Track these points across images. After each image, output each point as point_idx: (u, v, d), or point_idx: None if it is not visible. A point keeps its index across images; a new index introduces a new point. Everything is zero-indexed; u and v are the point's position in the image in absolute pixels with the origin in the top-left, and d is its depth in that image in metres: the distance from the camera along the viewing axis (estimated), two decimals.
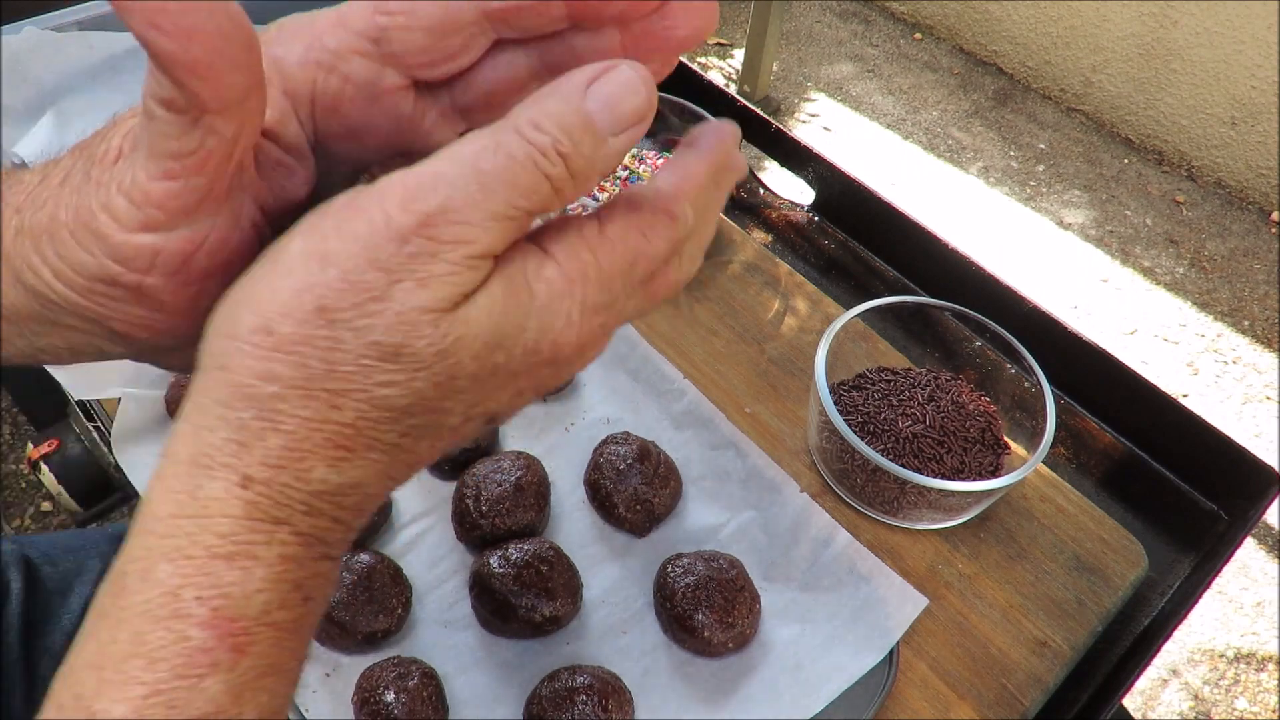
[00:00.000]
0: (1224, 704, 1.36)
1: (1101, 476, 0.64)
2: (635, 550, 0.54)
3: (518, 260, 0.23)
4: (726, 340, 0.66)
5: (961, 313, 0.61)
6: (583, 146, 0.22)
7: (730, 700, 0.49)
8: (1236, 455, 0.59)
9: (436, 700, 0.45)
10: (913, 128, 2.32)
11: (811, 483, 0.59)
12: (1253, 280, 2.00)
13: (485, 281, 0.22)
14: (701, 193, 0.25)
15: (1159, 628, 0.54)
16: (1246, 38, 2.03)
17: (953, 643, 0.52)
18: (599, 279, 0.24)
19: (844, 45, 2.55)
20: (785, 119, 2.29)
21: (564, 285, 0.23)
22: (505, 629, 0.49)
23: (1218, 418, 1.30)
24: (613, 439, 0.56)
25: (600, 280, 0.24)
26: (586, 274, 0.23)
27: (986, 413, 0.59)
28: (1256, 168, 2.14)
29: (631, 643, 0.50)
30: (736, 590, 0.49)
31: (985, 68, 2.51)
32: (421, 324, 0.21)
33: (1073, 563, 0.56)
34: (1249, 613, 1.47)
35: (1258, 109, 2.08)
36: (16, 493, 1.39)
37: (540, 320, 0.23)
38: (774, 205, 0.80)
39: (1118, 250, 2.05)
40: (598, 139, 0.22)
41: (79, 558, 0.61)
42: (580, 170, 0.22)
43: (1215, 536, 0.60)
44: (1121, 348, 1.83)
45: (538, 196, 0.22)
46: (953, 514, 0.56)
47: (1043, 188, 2.18)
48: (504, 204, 0.22)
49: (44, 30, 0.68)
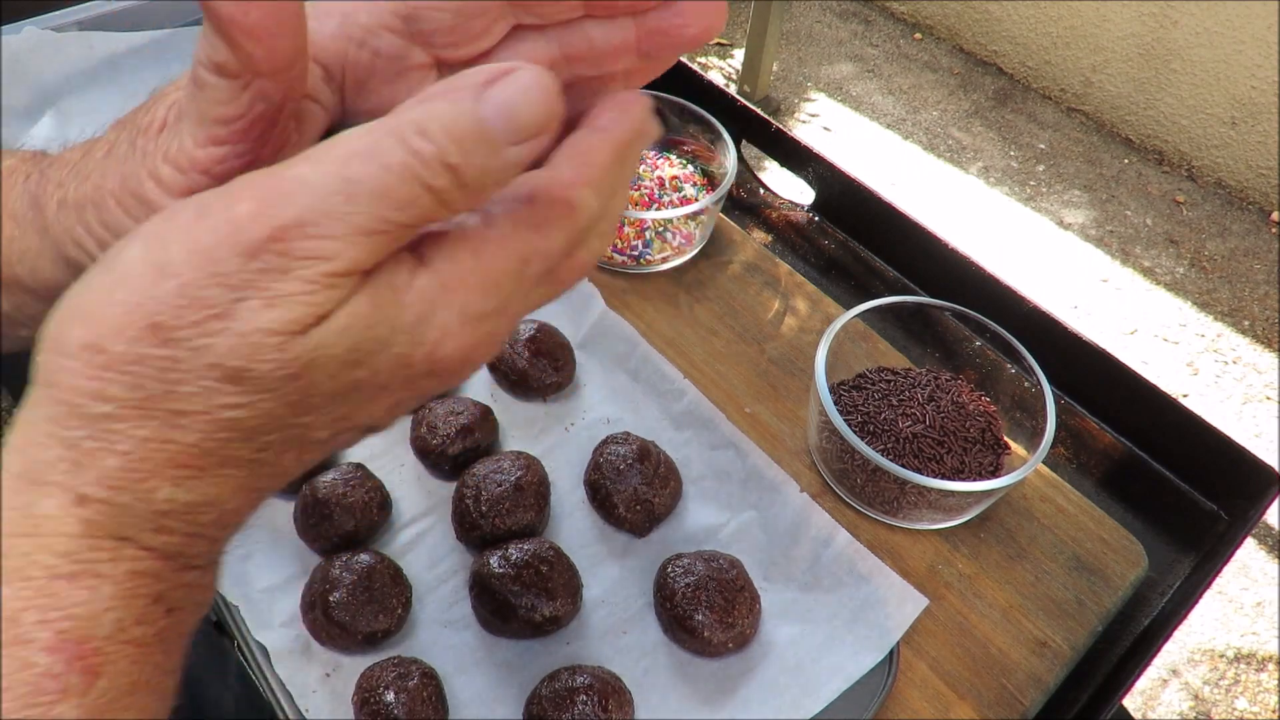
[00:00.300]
0: (1224, 704, 1.37)
1: (1101, 476, 0.64)
2: (635, 550, 0.54)
3: (387, 272, 0.21)
4: (726, 340, 0.66)
5: (961, 313, 0.61)
6: (474, 157, 0.20)
7: (730, 700, 0.49)
8: (1236, 455, 0.59)
9: (436, 700, 0.45)
10: (913, 128, 2.32)
11: (811, 483, 0.59)
12: (1253, 280, 2.00)
13: (347, 298, 0.21)
14: (606, 175, 0.23)
15: (1159, 628, 0.54)
16: (1246, 38, 2.03)
17: (953, 643, 0.52)
18: (482, 284, 0.22)
19: (844, 45, 2.55)
20: (785, 119, 2.29)
21: (439, 294, 0.22)
22: (505, 629, 0.49)
23: (1218, 418, 1.30)
24: (613, 439, 0.56)
25: (484, 285, 0.22)
26: (466, 280, 0.22)
27: (986, 413, 0.59)
28: (1256, 168, 2.14)
29: (631, 643, 0.51)
30: (736, 590, 0.49)
31: (985, 68, 2.51)
32: (265, 347, 0.20)
33: (1073, 563, 0.56)
34: (1249, 613, 1.47)
35: (1258, 109, 2.08)
36: None
37: (410, 334, 0.22)
38: (774, 205, 0.80)
39: (1118, 250, 2.05)
40: (492, 149, 0.20)
41: None
42: (472, 182, 0.20)
43: (1215, 536, 0.60)
44: (1121, 348, 1.83)
45: (415, 209, 0.20)
46: (953, 514, 0.56)
47: (1043, 188, 2.18)
48: (373, 218, 0.20)
49: (44, 30, 0.68)
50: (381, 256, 0.21)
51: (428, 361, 0.22)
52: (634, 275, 0.69)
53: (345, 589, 0.47)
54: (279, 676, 0.47)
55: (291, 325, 0.20)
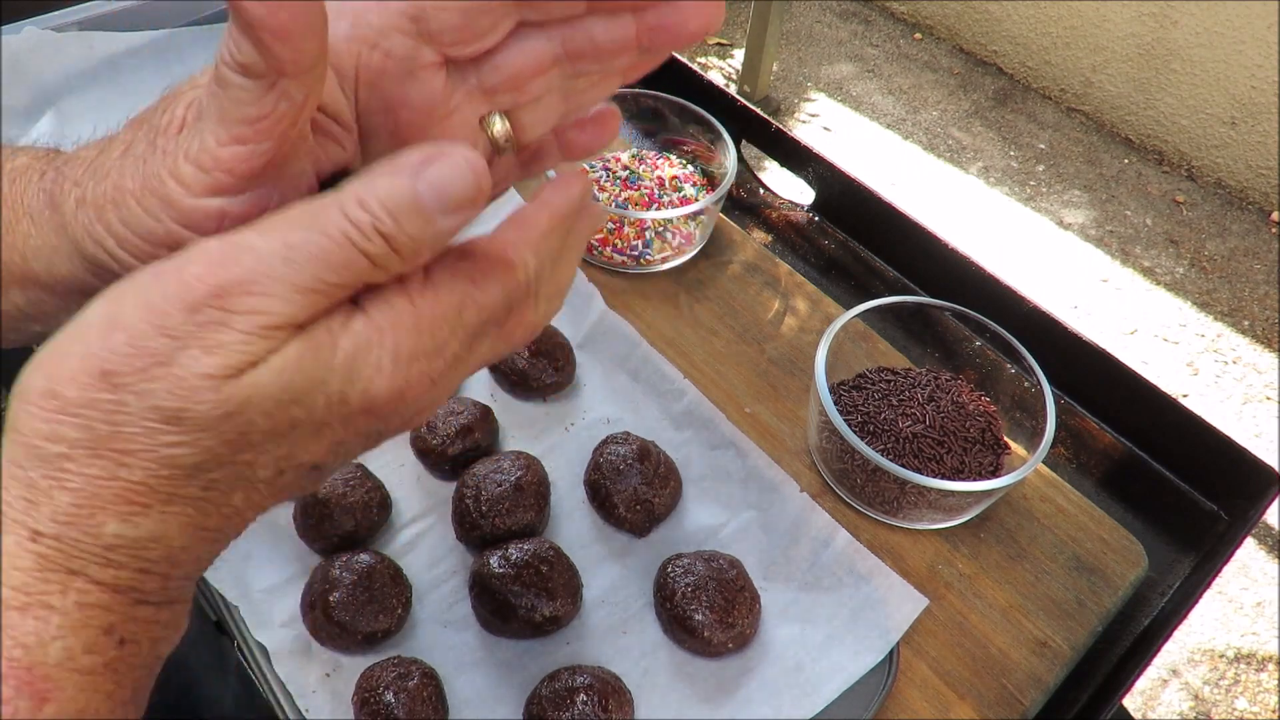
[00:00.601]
0: (1224, 704, 1.37)
1: (1101, 476, 0.64)
2: (635, 550, 0.54)
3: (324, 320, 0.23)
4: (726, 340, 0.66)
5: (961, 313, 0.61)
6: (409, 227, 0.22)
7: (730, 700, 0.49)
8: (1236, 455, 0.59)
9: (436, 700, 0.45)
10: (913, 128, 2.32)
11: (811, 483, 0.59)
12: (1253, 280, 2.00)
13: (280, 347, 0.22)
14: (543, 240, 0.26)
15: (1159, 628, 0.54)
16: (1246, 38, 2.03)
17: (953, 643, 0.52)
18: (415, 326, 0.24)
19: (844, 45, 2.55)
20: (785, 119, 2.29)
21: (371, 335, 0.23)
22: (505, 629, 0.49)
23: (1218, 418, 1.30)
24: (613, 439, 0.56)
25: (416, 327, 0.24)
26: (399, 321, 0.23)
27: (986, 413, 0.59)
28: (1256, 168, 2.14)
29: (631, 643, 0.50)
30: (736, 590, 0.49)
31: (985, 68, 2.51)
32: (201, 389, 0.21)
33: (1073, 563, 0.56)
34: (1249, 613, 1.47)
35: (1258, 109, 2.08)
36: None
37: (343, 373, 0.23)
38: (774, 205, 0.80)
39: (1118, 250, 2.05)
40: (425, 219, 0.22)
41: None
42: (405, 247, 0.23)
43: (1215, 536, 0.60)
44: (1121, 348, 1.83)
45: (350, 272, 0.22)
46: (953, 514, 0.56)
47: (1043, 188, 2.18)
48: (310, 278, 0.22)
49: (44, 30, 0.68)
50: (317, 311, 0.23)
51: (362, 399, 0.23)
52: (634, 275, 0.69)
53: (345, 589, 0.47)
54: (279, 676, 0.47)
55: (225, 370, 0.22)
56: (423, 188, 0.22)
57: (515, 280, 0.25)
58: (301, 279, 0.22)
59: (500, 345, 0.27)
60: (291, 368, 0.22)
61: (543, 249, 0.26)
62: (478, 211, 0.23)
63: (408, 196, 0.22)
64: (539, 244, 0.26)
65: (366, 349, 0.23)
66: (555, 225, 0.26)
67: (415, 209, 0.22)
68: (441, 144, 0.23)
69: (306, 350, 0.22)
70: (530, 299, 0.26)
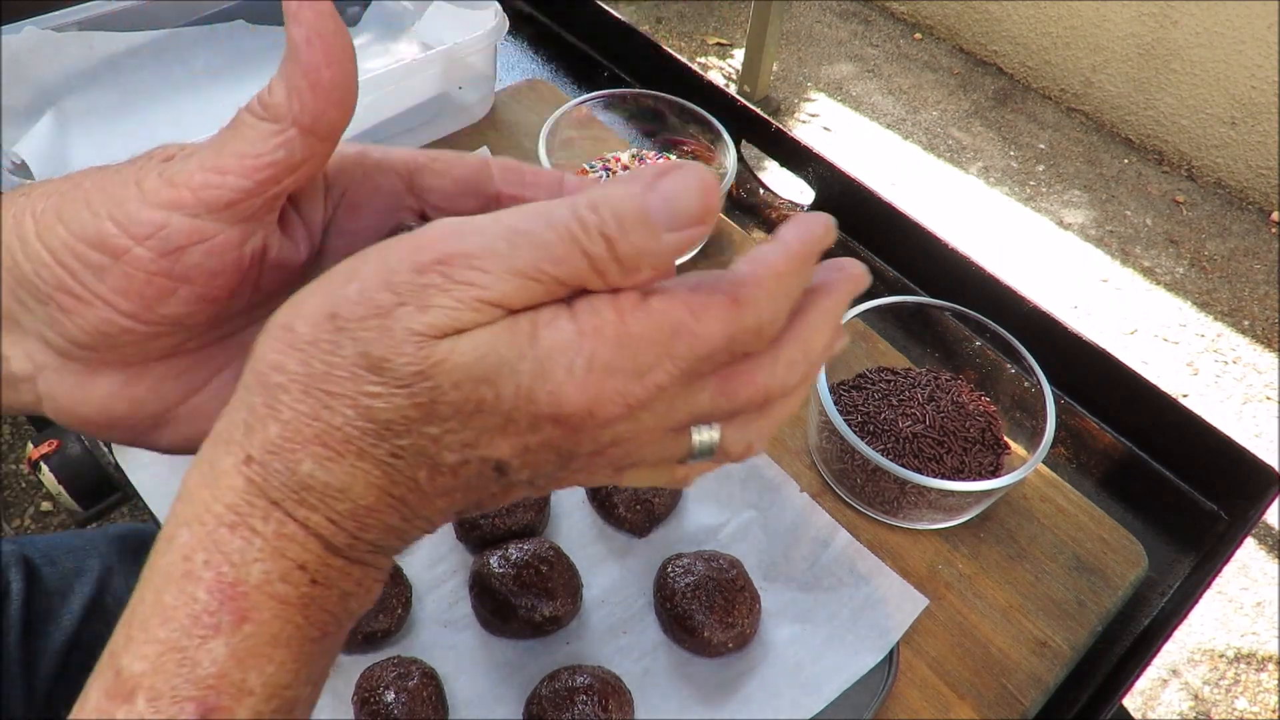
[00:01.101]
0: (1224, 704, 1.37)
1: (1101, 476, 0.64)
2: (635, 550, 0.54)
3: (533, 311, 0.23)
4: None
5: (961, 313, 0.61)
6: (633, 235, 0.23)
7: (730, 700, 0.49)
8: (1236, 455, 0.59)
9: (436, 700, 0.45)
10: (913, 128, 2.32)
11: (811, 483, 0.59)
12: (1253, 280, 2.00)
13: (487, 323, 0.23)
14: (777, 282, 0.24)
15: (1159, 628, 0.54)
16: (1246, 38, 2.03)
17: (953, 643, 0.52)
18: (617, 339, 0.23)
19: (844, 45, 2.55)
20: (785, 119, 2.29)
21: (572, 337, 0.23)
22: (505, 629, 0.49)
23: (1218, 418, 1.30)
24: None
25: (619, 340, 0.23)
26: (602, 331, 0.23)
27: (986, 413, 0.59)
28: (1256, 168, 2.15)
29: (631, 643, 0.51)
30: (736, 590, 0.49)
31: (985, 68, 2.52)
32: (406, 343, 0.22)
33: (1073, 563, 0.56)
34: (1249, 613, 1.47)
35: (1258, 109, 2.08)
36: (16, 493, 1.39)
37: (536, 365, 0.23)
38: (774, 205, 0.80)
39: (1118, 250, 2.05)
40: (650, 231, 0.23)
41: (79, 558, 0.61)
42: (627, 257, 0.23)
43: (1215, 536, 0.60)
44: (1121, 348, 1.83)
45: (568, 267, 0.23)
46: (953, 514, 0.56)
47: (1043, 188, 2.18)
48: (528, 264, 0.22)
49: (44, 30, 0.68)
50: (530, 300, 0.23)
51: (551, 401, 0.23)
52: None
53: None
54: None
55: (432, 329, 0.22)
56: (653, 199, 0.23)
57: (740, 321, 0.24)
58: (520, 263, 0.22)
59: (722, 402, 0.25)
60: (489, 344, 0.23)
61: (778, 292, 0.24)
62: (705, 232, 0.23)
63: (637, 205, 0.23)
64: (773, 286, 0.24)
65: (563, 349, 0.23)
66: (792, 266, 0.24)
67: (642, 218, 0.23)
68: (682, 162, 0.23)
69: (507, 332, 0.23)
70: (764, 355, 0.25)
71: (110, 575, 0.61)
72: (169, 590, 0.23)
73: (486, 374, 0.23)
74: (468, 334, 0.23)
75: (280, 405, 0.23)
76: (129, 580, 0.62)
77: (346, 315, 0.23)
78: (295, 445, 0.23)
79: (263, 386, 0.23)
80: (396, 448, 0.23)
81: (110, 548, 0.63)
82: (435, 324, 0.22)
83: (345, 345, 0.23)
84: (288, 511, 0.23)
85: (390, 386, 0.23)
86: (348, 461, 0.23)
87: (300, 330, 0.23)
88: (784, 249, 0.24)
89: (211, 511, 0.23)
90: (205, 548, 0.23)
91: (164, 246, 0.26)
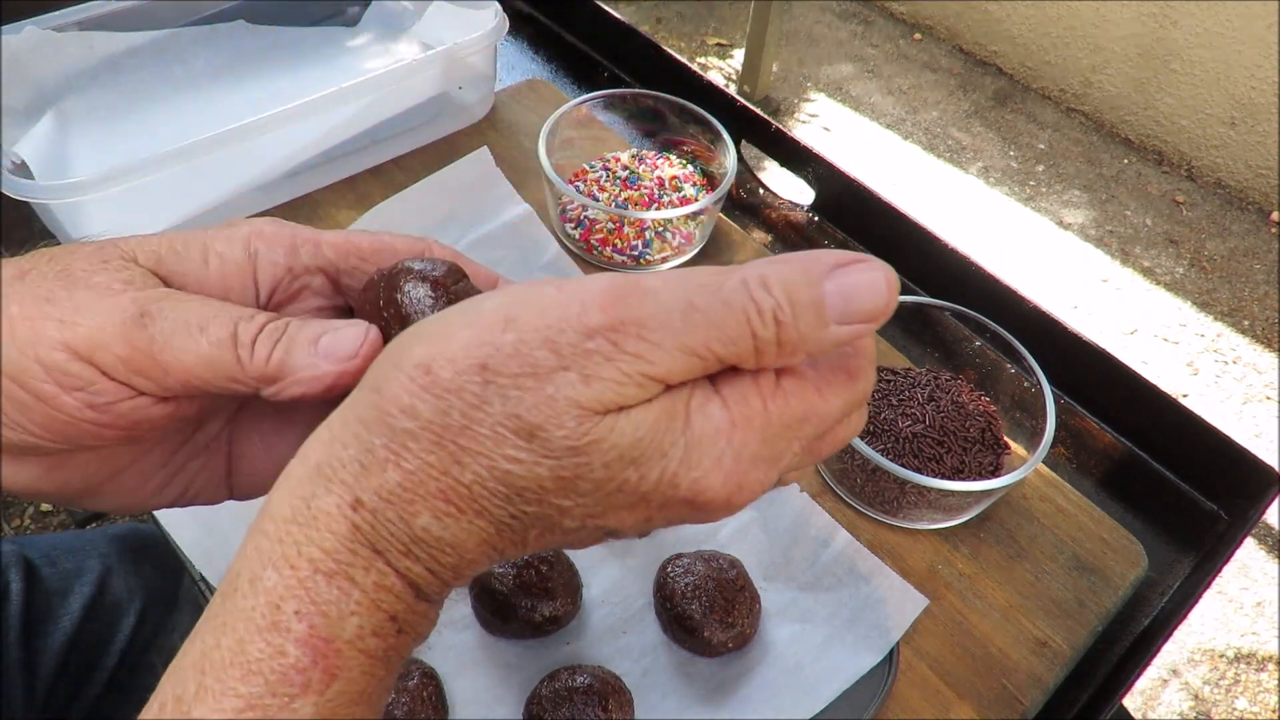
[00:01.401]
0: (1224, 704, 1.37)
1: (1101, 476, 0.64)
2: (635, 550, 0.54)
3: (687, 389, 0.23)
4: None
5: (961, 313, 0.61)
6: (802, 323, 0.22)
7: (730, 700, 0.49)
8: (1236, 455, 0.59)
9: (436, 700, 0.45)
10: (913, 128, 2.32)
11: (811, 483, 0.59)
12: (1253, 280, 2.00)
13: (649, 400, 0.22)
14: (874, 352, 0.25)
15: (1159, 628, 0.54)
16: (1246, 38, 2.03)
17: (953, 643, 0.52)
18: (764, 429, 0.23)
19: (844, 45, 2.55)
20: (785, 119, 2.29)
21: (724, 426, 0.22)
22: (505, 629, 0.49)
23: (1218, 418, 1.29)
24: None
25: (765, 430, 0.23)
26: (752, 421, 0.23)
27: (986, 413, 0.59)
28: (1256, 168, 2.14)
29: (631, 643, 0.50)
30: (736, 590, 0.49)
31: (985, 68, 2.51)
32: (566, 415, 0.21)
33: (1073, 563, 0.56)
34: (1249, 613, 1.47)
35: (1258, 109, 2.08)
36: None
37: (688, 453, 0.22)
38: (774, 205, 0.80)
39: (1118, 250, 2.05)
40: (821, 321, 0.22)
41: (79, 558, 0.61)
42: (790, 341, 0.22)
43: (1215, 536, 0.60)
44: (1121, 348, 1.83)
45: (735, 348, 0.22)
46: (953, 514, 0.56)
47: (1043, 188, 2.18)
48: (699, 342, 0.22)
49: (44, 30, 0.68)
50: (692, 376, 0.22)
51: (693, 488, 0.22)
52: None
53: None
54: None
55: (596, 404, 0.21)
56: (831, 288, 0.22)
57: (856, 393, 0.24)
58: (692, 340, 0.22)
59: (805, 459, 0.25)
60: (648, 426, 0.22)
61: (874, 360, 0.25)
62: (873, 329, 0.23)
63: (812, 292, 0.22)
64: (873, 356, 0.25)
65: (714, 438, 0.22)
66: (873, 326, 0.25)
67: (815, 307, 0.22)
68: (864, 255, 0.23)
69: (666, 415, 0.22)
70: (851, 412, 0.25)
71: (110, 575, 0.61)
72: (255, 641, 0.21)
73: (637, 457, 0.22)
74: (628, 412, 0.22)
75: (406, 453, 0.21)
76: (128, 580, 0.62)
77: (499, 369, 0.21)
78: (415, 497, 0.22)
79: (387, 428, 0.22)
80: (521, 512, 0.22)
81: (110, 548, 0.63)
82: (600, 398, 0.21)
83: (494, 402, 0.21)
84: (390, 562, 0.22)
85: (537, 455, 0.21)
86: (466, 519, 0.22)
87: (442, 375, 0.21)
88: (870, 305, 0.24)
89: (306, 555, 0.21)
90: (297, 596, 0.21)
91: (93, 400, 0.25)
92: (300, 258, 0.29)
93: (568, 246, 0.70)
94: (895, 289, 0.23)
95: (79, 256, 0.26)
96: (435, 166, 0.70)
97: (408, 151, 0.75)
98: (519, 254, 0.68)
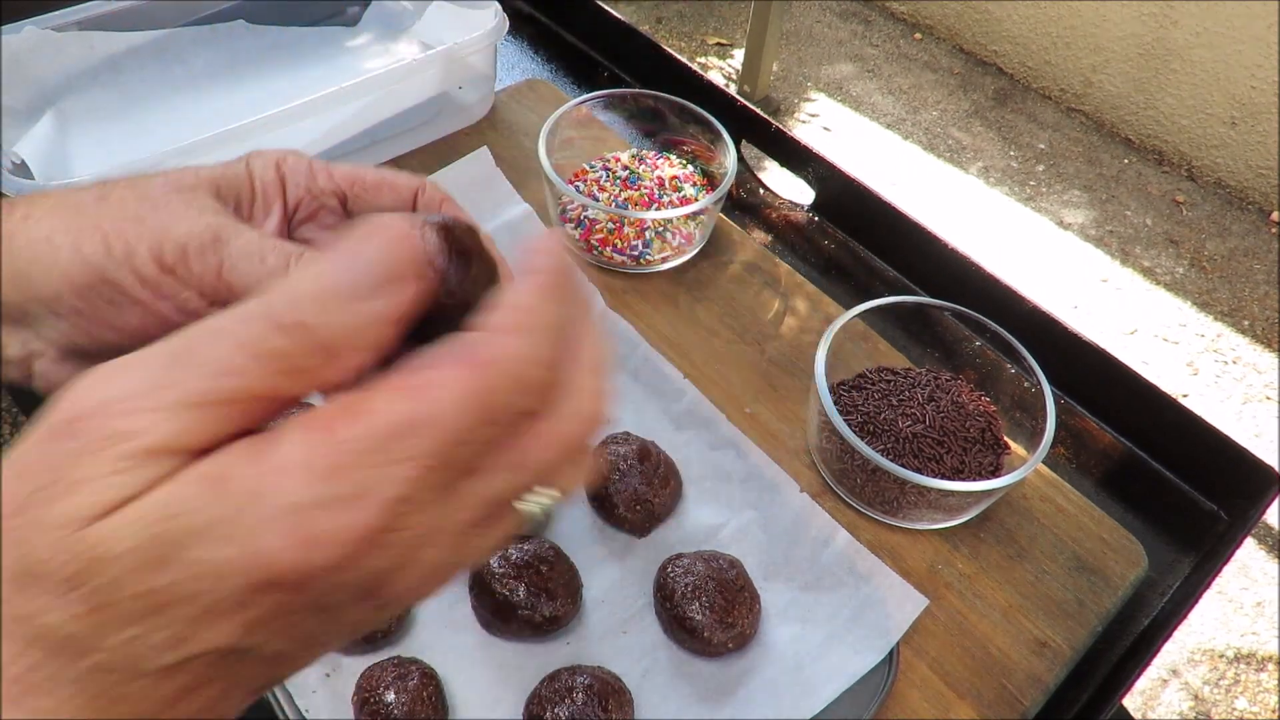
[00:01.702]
0: (1224, 704, 1.37)
1: (1101, 476, 0.64)
2: (635, 550, 0.54)
3: (225, 452, 0.18)
4: (726, 340, 0.66)
5: (961, 313, 0.61)
6: (327, 314, 0.18)
7: (730, 700, 0.49)
8: (1236, 455, 0.59)
9: (436, 700, 0.45)
10: (913, 128, 2.32)
11: (811, 483, 0.59)
12: (1253, 280, 2.00)
13: (164, 478, 0.18)
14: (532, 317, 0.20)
15: (1159, 628, 0.54)
16: (1246, 38, 2.03)
17: (953, 643, 0.52)
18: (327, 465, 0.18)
19: (844, 45, 2.55)
20: (785, 119, 2.29)
21: (266, 477, 0.18)
22: (505, 629, 0.49)
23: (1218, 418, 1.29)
24: (613, 439, 0.56)
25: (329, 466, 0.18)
26: (308, 459, 0.18)
27: (986, 413, 0.59)
28: (1256, 168, 2.14)
29: (631, 643, 0.50)
30: (736, 590, 0.49)
31: (985, 68, 2.51)
32: (54, 537, 0.17)
33: (1073, 563, 0.56)
34: (1249, 613, 1.47)
35: (1258, 109, 2.08)
36: None
37: (233, 527, 0.17)
38: (774, 205, 0.80)
39: (1118, 250, 2.05)
40: (338, 302, 0.19)
41: None
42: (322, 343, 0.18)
43: (1215, 536, 0.60)
44: (1121, 348, 1.83)
45: (250, 379, 0.18)
46: (953, 514, 0.56)
47: (1043, 188, 2.18)
48: (195, 388, 0.18)
49: (44, 30, 0.68)
50: (219, 435, 0.18)
51: (248, 568, 0.17)
52: (634, 275, 0.69)
53: None
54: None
55: (81, 513, 0.17)
56: (325, 267, 0.19)
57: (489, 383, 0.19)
58: (187, 390, 0.18)
59: (519, 476, 0.20)
60: (157, 512, 0.17)
61: (537, 329, 0.20)
62: (413, 290, 0.19)
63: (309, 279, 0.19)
64: (532, 324, 0.20)
65: (257, 497, 0.17)
66: (547, 295, 0.21)
67: (318, 292, 0.19)
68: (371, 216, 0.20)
69: (182, 489, 0.17)
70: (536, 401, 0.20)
71: None
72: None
73: (165, 553, 0.17)
74: (130, 505, 0.17)
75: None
76: None
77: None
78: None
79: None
80: (87, 668, 0.17)
81: None
82: (85, 504, 0.17)
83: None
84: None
85: (53, 595, 0.17)
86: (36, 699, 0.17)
87: None
88: (532, 280, 0.21)
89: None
90: None
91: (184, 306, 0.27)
92: (318, 181, 0.31)
93: (568, 247, 0.70)
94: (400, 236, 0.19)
95: (154, 185, 0.28)
96: (435, 166, 0.70)
97: (408, 151, 0.75)
98: (519, 254, 0.68)
